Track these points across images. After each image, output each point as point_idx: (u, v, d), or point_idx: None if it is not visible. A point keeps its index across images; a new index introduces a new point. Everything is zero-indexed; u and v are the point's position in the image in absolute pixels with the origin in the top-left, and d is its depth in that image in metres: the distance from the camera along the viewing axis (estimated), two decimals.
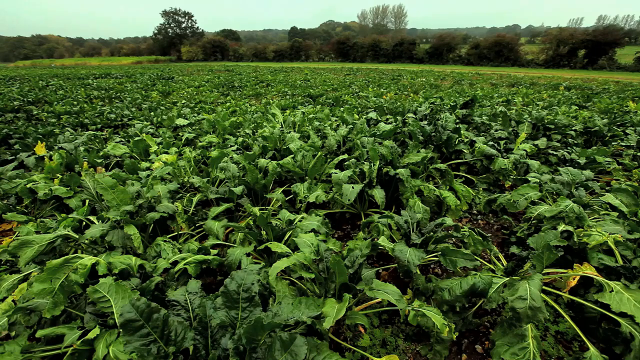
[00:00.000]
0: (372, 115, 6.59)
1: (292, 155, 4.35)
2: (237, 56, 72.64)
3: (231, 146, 5.03)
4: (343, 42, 65.74)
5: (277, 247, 2.57)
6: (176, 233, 3.02)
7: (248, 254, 2.55)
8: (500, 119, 6.41)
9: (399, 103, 9.07)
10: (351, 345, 2.23)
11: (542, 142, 5.37)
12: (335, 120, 6.65)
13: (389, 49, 60.32)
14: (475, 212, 4.15)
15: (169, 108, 9.55)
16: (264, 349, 1.59)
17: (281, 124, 6.20)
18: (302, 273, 2.16)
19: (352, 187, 3.34)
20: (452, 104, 7.29)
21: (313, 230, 2.75)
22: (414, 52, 57.93)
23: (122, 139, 5.73)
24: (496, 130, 5.89)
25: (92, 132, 5.97)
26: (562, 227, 2.64)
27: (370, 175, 3.64)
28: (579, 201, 3.01)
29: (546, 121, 6.18)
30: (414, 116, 6.48)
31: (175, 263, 2.46)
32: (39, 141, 4.98)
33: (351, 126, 5.45)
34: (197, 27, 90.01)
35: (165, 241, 2.59)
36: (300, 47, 70.13)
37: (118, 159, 4.91)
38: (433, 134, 5.11)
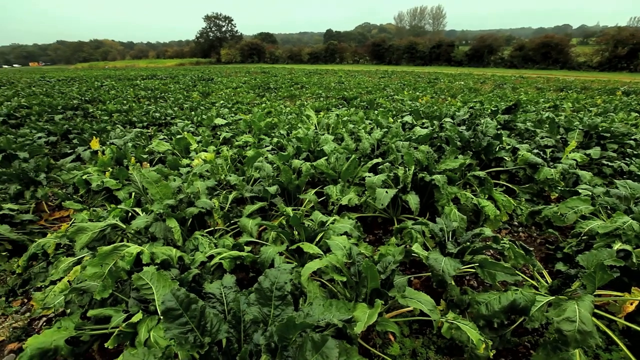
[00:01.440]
0: (408, 119, 6.46)
1: (326, 157, 4.37)
2: (273, 58, 74.44)
3: (266, 146, 5.16)
4: (378, 45, 65.11)
5: (309, 248, 2.60)
6: (212, 228, 3.14)
7: (281, 253, 2.59)
8: (547, 125, 6.01)
9: (435, 107, 8.81)
10: (380, 352, 2.20)
11: (595, 151, 4.96)
12: (370, 124, 6.59)
13: (426, 52, 58.81)
14: (516, 223, 3.92)
15: (208, 108, 9.99)
16: (295, 348, 1.61)
17: (315, 126, 6.26)
18: (333, 275, 2.17)
19: (386, 192, 3.30)
20: (493, 108, 6.96)
21: (345, 233, 2.74)
22: (453, 54, 55.96)
23: (165, 137, 6.08)
24: (542, 138, 5.53)
25: (139, 130, 6.39)
26: (618, 246, 2.42)
27: (405, 180, 3.56)
28: (639, 218, 2.74)
29: (600, 129, 5.70)
30: (452, 121, 6.26)
31: (211, 257, 2.56)
32: (93, 137, 5.42)
33: (386, 130, 5.38)
34: (236, 30, 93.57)
35: (202, 235, 2.71)
36: (335, 50, 70.41)
37: (161, 155, 5.22)
38: (472, 139, 4.90)
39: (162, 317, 1.71)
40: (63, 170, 4.88)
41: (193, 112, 8.58)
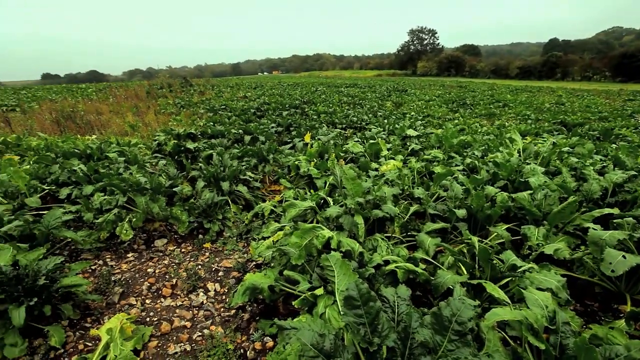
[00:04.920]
0: None
1: (530, 192, 3.66)
2: (472, 72, 68.88)
3: (456, 165, 4.84)
4: (632, 56, 48.36)
5: (494, 290, 2.25)
6: (390, 235, 3.24)
7: (462, 284, 2.37)
8: None
9: None
10: None
11: None
12: (602, 160, 5.03)
13: None
14: None
15: (399, 118, 10.35)
16: None
17: (519, 152, 5.35)
18: (527, 336, 1.78)
19: (623, 257, 2.42)
20: None
21: (549, 291, 2.20)
22: None
23: (359, 140, 6.74)
24: None
25: (339, 130, 7.38)
26: None
27: None
28: None
29: None
30: None
31: (386, 262, 2.64)
32: (307, 132, 6.69)
33: (634, 174, 3.95)
34: (438, 43, 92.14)
35: (382, 239, 2.83)
36: (557, 63, 57.59)
37: (353, 155, 5.82)
38: None
39: (342, 302, 1.90)
40: (282, 154, 6.25)
41: (385, 120, 9.12)
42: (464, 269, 2.73)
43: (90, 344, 2.45)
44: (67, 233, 3.37)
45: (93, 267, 3.41)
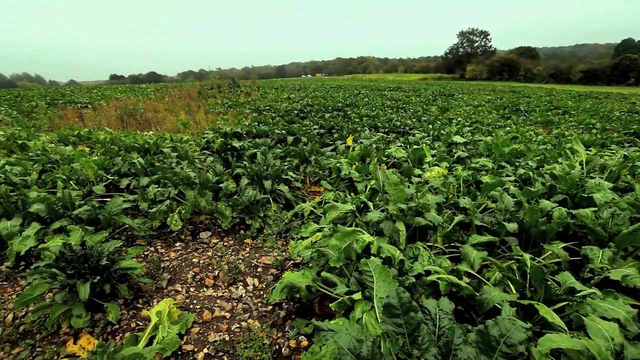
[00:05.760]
0: None
1: (594, 209, 3.31)
2: (527, 76, 64.12)
3: (507, 175, 4.53)
4: None
5: (548, 314, 2.07)
6: (431, 244, 3.11)
7: (512, 304, 2.21)
8: None
9: None
10: None
11: None
12: None
13: None
14: None
15: (445, 123, 9.94)
16: None
17: (581, 164, 4.87)
18: None
19: None
20: None
21: (617, 321, 1.97)
22: None
23: (402, 145, 6.58)
24: None
25: (382, 134, 7.26)
26: None
27: None
28: None
29: None
30: None
31: (427, 272, 2.54)
32: (350, 134, 6.67)
33: None
34: (490, 45, 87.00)
35: (424, 248, 2.73)
36: (631, 66, 51.64)
37: (395, 160, 5.70)
38: None
39: (381, 309, 1.86)
40: (324, 156, 6.29)
41: (430, 126, 8.81)
42: (512, 287, 2.55)
43: (140, 324, 2.65)
44: (126, 220, 3.69)
45: (145, 253, 3.69)
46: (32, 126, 10.23)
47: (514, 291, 2.50)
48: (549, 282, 2.37)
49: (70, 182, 4.39)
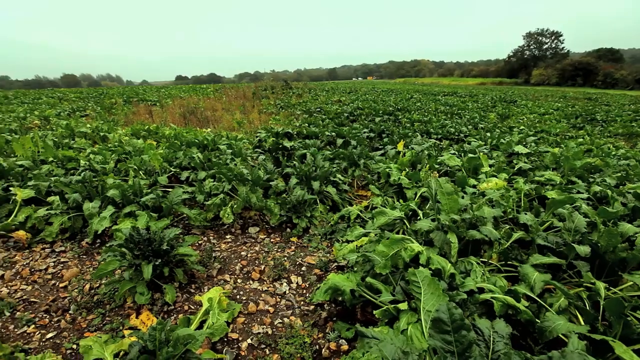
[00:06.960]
0: None
1: None
2: (607, 81, 56.94)
3: (578, 192, 4.07)
4: None
5: (626, 352, 1.82)
6: (485, 260, 2.91)
7: (580, 337, 1.98)
8: None
9: None
10: None
11: None
12: None
13: None
14: None
15: (505, 132, 9.24)
16: None
17: None
18: None
19: None
20: None
21: None
22: None
23: (456, 152, 6.25)
24: None
25: (434, 141, 6.96)
26: None
27: None
28: None
29: None
30: None
31: (480, 290, 2.38)
32: (400, 139, 6.50)
33: None
34: (562, 47, 78.75)
35: (478, 263, 2.56)
36: None
37: (448, 168, 5.43)
38: None
39: (430, 323, 1.78)
40: (373, 160, 6.21)
41: (488, 134, 8.25)
42: (580, 318, 2.28)
43: (192, 307, 2.85)
44: (184, 209, 3.99)
45: (199, 242, 3.95)
46: (112, 120, 11.56)
47: (582, 322, 2.24)
48: (629, 318, 2.08)
49: (140, 171, 4.88)
